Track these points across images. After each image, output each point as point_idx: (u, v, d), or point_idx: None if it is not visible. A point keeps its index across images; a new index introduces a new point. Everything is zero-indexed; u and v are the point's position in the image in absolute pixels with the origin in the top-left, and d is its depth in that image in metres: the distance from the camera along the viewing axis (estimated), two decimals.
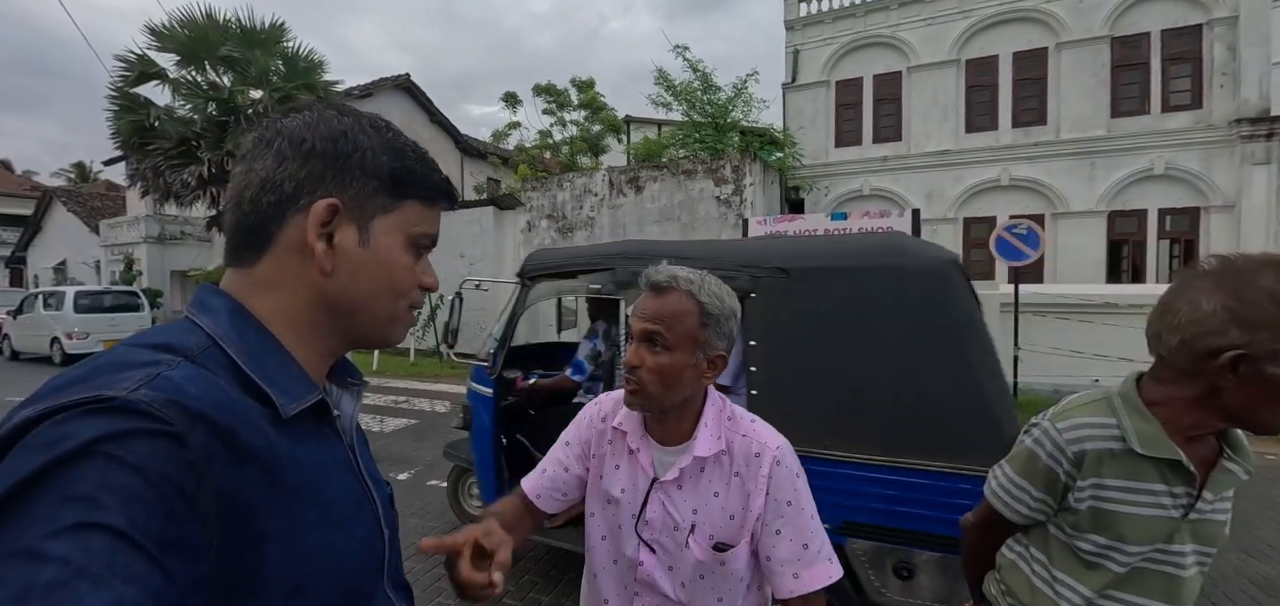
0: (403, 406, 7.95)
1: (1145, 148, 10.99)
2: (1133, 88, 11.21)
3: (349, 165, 0.59)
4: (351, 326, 0.63)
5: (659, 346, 1.02)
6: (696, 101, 13.63)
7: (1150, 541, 1.00)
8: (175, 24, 9.12)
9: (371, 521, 0.63)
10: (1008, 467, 1.15)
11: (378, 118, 0.65)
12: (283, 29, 9.89)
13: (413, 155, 0.64)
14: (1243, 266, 0.91)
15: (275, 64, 9.90)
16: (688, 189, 11.43)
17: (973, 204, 12.41)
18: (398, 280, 0.64)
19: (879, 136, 13.32)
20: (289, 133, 0.59)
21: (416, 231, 0.65)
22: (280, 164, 0.58)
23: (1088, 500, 1.03)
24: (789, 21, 14.05)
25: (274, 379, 0.55)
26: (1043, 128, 11.85)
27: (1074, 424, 1.05)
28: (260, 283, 0.59)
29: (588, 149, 16.53)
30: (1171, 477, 0.99)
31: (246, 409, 0.51)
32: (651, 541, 1.07)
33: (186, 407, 0.45)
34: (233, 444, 0.48)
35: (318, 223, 0.58)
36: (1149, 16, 11.05)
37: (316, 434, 0.59)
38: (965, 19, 12.37)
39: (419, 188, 0.64)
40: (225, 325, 0.56)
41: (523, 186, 13.47)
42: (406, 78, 17.66)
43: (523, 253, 13.19)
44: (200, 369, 0.50)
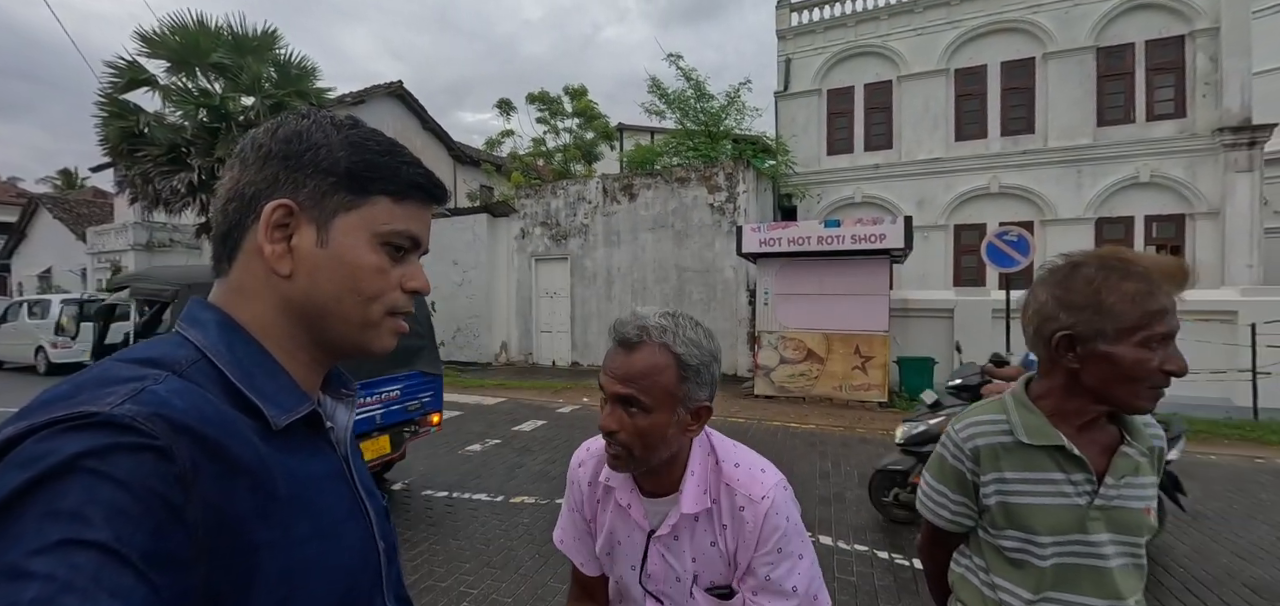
0: None
1: (1131, 156, 11.18)
2: (1118, 97, 11.41)
3: (302, 164, 0.58)
4: (325, 333, 0.61)
5: (636, 409, 0.94)
6: (690, 109, 13.73)
7: (1060, 530, 1.04)
8: (166, 30, 9.06)
9: (365, 534, 0.62)
10: (927, 475, 1.22)
11: (346, 117, 0.63)
12: (275, 36, 9.85)
13: (376, 149, 0.61)
14: (1074, 261, 1.04)
15: (267, 71, 9.85)
16: (681, 196, 11.47)
17: (963, 211, 12.55)
18: (363, 280, 0.60)
19: (870, 144, 13.46)
20: (253, 140, 0.60)
21: (386, 229, 0.61)
22: (243, 171, 0.59)
23: (994, 495, 1.09)
24: (781, 31, 14.20)
25: (264, 391, 0.55)
26: (1031, 136, 12.02)
27: (968, 423, 1.14)
28: (234, 290, 0.59)
29: (581, 156, 16.56)
30: (1066, 465, 1.04)
31: (235, 422, 0.50)
32: (657, 593, 1.05)
33: (172, 421, 0.45)
34: (221, 457, 0.47)
35: (268, 224, 0.57)
36: (1133, 27, 11.26)
37: (309, 445, 0.59)
38: (954, 29, 12.55)
39: (385, 182, 0.61)
40: (214, 338, 0.56)
41: (516, 194, 13.46)
42: (399, 85, 17.65)
43: (517, 260, 13.18)
44: (187, 383, 0.50)
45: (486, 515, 4.29)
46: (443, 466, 5.52)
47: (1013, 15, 12.06)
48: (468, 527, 4.07)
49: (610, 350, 0.98)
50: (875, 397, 8.34)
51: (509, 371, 12.20)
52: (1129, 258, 1.01)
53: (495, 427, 7.06)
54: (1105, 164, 11.36)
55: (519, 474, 5.24)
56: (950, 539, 1.22)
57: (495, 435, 6.70)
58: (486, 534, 3.97)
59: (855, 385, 8.50)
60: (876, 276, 8.45)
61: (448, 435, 6.61)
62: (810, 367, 8.81)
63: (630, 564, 1.06)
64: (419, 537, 3.91)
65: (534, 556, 3.60)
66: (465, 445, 6.24)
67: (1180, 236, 11.02)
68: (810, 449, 6.08)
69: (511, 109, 17.05)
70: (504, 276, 13.40)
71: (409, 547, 3.76)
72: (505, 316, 13.36)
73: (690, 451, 1.03)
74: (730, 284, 10.99)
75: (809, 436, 6.65)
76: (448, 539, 3.89)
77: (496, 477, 5.14)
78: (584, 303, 12.46)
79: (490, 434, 6.77)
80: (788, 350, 8.94)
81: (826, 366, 8.70)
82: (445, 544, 3.80)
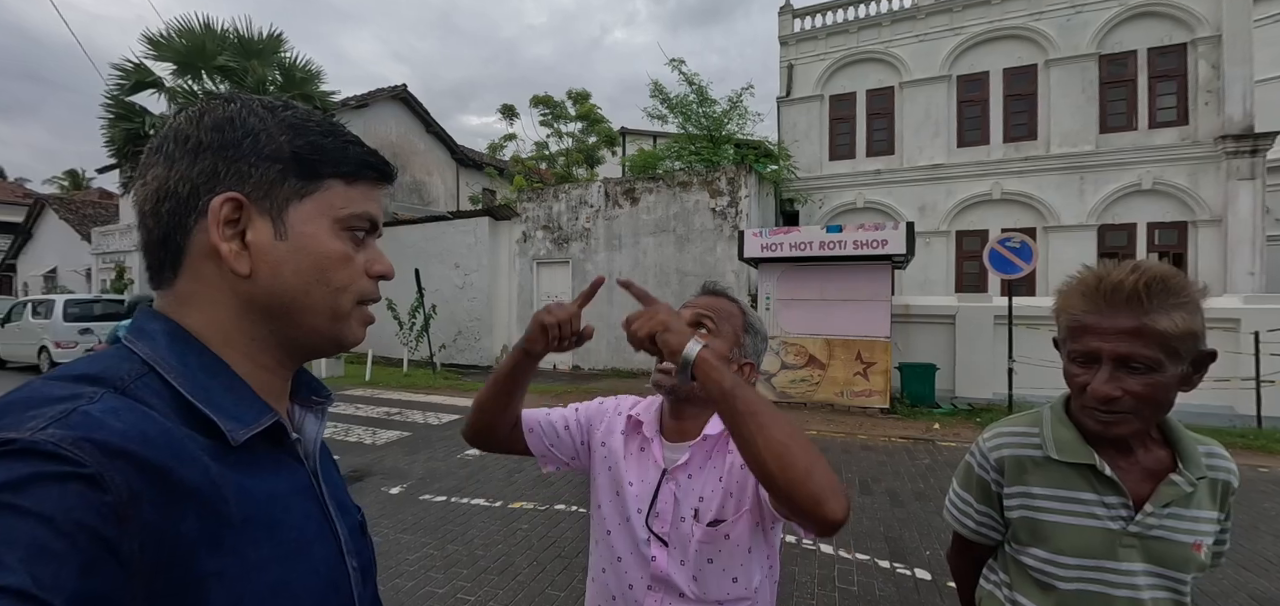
0: (395, 418, 7.86)
1: (1133, 163, 11.19)
2: (1120, 104, 11.42)
3: (242, 153, 0.54)
4: (293, 331, 0.58)
5: (703, 330, 1.09)
6: (692, 114, 13.76)
7: (1086, 554, 0.99)
8: (173, 33, 9.13)
9: (333, 554, 0.58)
10: (955, 483, 1.21)
11: (273, 99, 0.59)
12: (280, 40, 9.92)
13: (319, 130, 0.58)
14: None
15: (272, 74, 9.92)
16: (683, 201, 11.50)
17: (965, 217, 12.56)
18: (331, 270, 0.57)
19: (872, 150, 13.47)
20: (174, 132, 0.54)
21: (344, 213, 0.58)
22: (171, 168, 0.53)
23: (1018, 509, 1.06)
24: (783, 37, 14.24)
25: (220, 404, 0.51)
26: (1033, 142, 12.03)
27: (996, 432, 1.12)
28: (183, 299, 0.55)
29: (583, 160, 16.60)
30: (1099, 486, 0.99)
31: (183, 441, 0.46)
32: (662, 534, 1.08)
33: (105, 445, 0.41)
34: (164, 481, 0.43)
35: (218, 221, 0.52)
36: (1135, 35, 11.28)
37: (271, 460, 0.55)
38: (956, 36, 12.58)
39: (335, 164, 0.58)
40: (163, 349, 0.51)
41: (519, 197, 13.49)
42: (403, 88, 17.71)
43: (519, 263, 13.21)
44: (129, 401, 0.46)
45: (484, 520, 4.26)
46: (441, 470, 5.48)
47: (1015, 22, 12.09)
48: (465, 533, 4.04)
49: (694, 297, 1.20)
50: (877, 404, 8.32)
51: None
52: (1096, 269, 0.99)
53: None
54: (1107, 171, 11.37)
55: (518, 479, 5.20)
56: (976, 550, 1.20)
57: None
58: (485, 539, 3.93)
59: (857, 391, 8.48)
60: (878, 282, 8.45)
61: (447, 439, 6.61)
62: (811, 373, 8.80)
63: (638, 506, 1.10)
64: (417, 542, 3.88)
65: (532, 563, 3.56)
66: (464, 449, 6.18)
67: (1182, 244, 11.02)
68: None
69: (515, 113, 17.11)
70: (505, 279, 13.42)
71: (407, 552, 3.73)
72: (506, 320, 13.38)
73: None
74: (732, 289, 11.00)
75: (811, 443, 6.64)
76: (445, 544, 3.86)
77: (495, 483, 5.11)
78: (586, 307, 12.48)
79: None
80: (789, 355, 8.93)
81: (828, 372, 8.69)
82: (443, 549, 3.78)
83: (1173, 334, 0.89)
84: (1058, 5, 11.74)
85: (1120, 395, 0.92)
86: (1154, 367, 0.91)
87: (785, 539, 3.69)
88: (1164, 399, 0.93)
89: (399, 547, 3.79)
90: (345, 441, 6.59)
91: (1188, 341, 0.91)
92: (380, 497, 4.74)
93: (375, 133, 17.09)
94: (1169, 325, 0.89)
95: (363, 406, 8.62)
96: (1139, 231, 11.26)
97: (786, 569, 3.34)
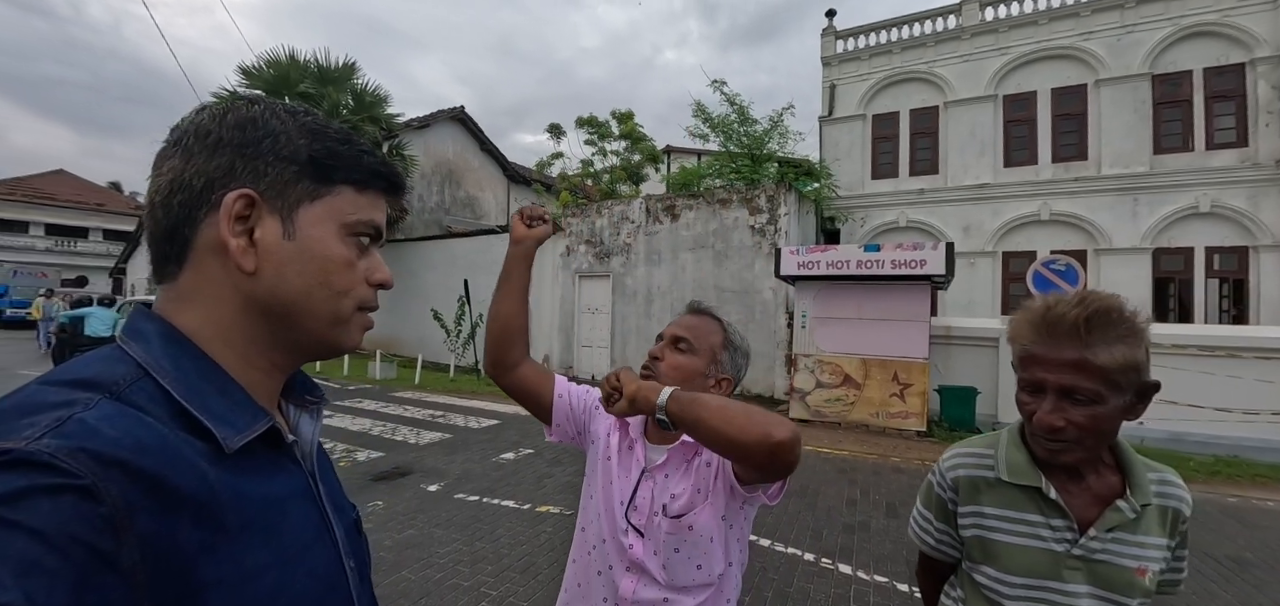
0: (439, 420, 8.20)
1: (1190, 185, 10.84)
2: (1175, 125, 11.11)
3: (261, 152, 0.55)
4: (292, 332, 0.58)
5: (683, 347, 1.22)
6: (733, 133, 14.04)
7: (1030, 574, 1.02)
8: (263, 64, 10.17)
9: (331, 556, 0.58)
10: (918, 501, 1.25)
11: (295, 105, 0.61)
12: (353, 68, 10.84)
13: (336, 137, 0.59)
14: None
15: (345, 99, 10.87)
16: (722, 217, 11.70)
17: (1012, 238, 12.36)
18: (334, 274, 0.58)
19: (916, 169, 13.44)
20: (195, 127, 0.55)
21: (352, 219, 0.60)
22: (188, 161, 0.54)
23: (971, 528, 1.10)
24: (826, 58, 14.40)
25: (214, 409, 0.50)
26: (1083, 163, 11.79)
27: (955, 453, 1.17)
28: (185, 295, 0.55)
29: (626, 177, 17.09)
30: (1047, 509, 1.02)
31: (179, 447, 0.46)
32: (639, 526, 1.17)
33: (100, 455, 0.40)
34: (160, 490, 0.43)
35: (231, 216, 0.53)
36: (1189, 55, 10.98)
37: (268, 464, 0.54)
38: (1002, 56, 12.48)
39: (348, 171, 0.59)
40: (157, 352, 0.51)
41: (563, 213, 14.04)
42: (461, 110, 18.76)
43: (561, 277, 13.73)
44: (123, 406, 0.45)
45: (512, 521, 4.42)
46: (477, 472, 5.72)
47: (1063, 42, 11.92)
48: (493, 532, 4.20)
49: (681, 315, 1.32)
50: (913, 426, 8.23)
51: None
52: (1046, 299, 1.02)
53: (529, 437, 7.16)
54: (1163, 193, 11.04)
55: (547, 484, 5.33)
56: (939, 567, 1.23)
57: (528, 444, 6.83)
58: (511, 539, 4.08)
59: (892, 413, 8.40)
60: (917, 302, 8.39)
61: (484, 442, 6.92)
62: (846, 393, 8.78)
63: (620, 499, 1.20)
64: (448, 537, 4.05)
65: (552, 565, 3.67)
66: (500, 453, 6.45)
67: (1243, 269, 10.58)
68: (840, 475, 6.03)
69: (562, 132, 17.80)
70: (548, 291, 13.95)
71: (438, 546, 3.92)
72: (548, 330, 13.89)
73: None
74: (769, 305, 11.10)
75: (840, 462, 6.62)
76: (474, 541, 4.02)
77: (525, 486, 5.27)
78: (624, 319, 12.84)
79: (524, 443, 6.91)
80: (824, 374, 8.95)
81: (863, 392, 8.65)
82: (471, 546, 3.94)
83: (1112, 367, 0.91)
84: (1108, 25, 11.54)
85: (1064, 425, 0.95)
86: (1095, 400, 0.92)
87: (804, 557, 3.86)
88: (1107, 429, 0.96)
89: (432, 541, 4.00)
90: (392, 440, 6.95)
91: (1129, 373, 0.92)
92: (419, 494, 5.00)
93: (434, 150, 18.15)
94: (1108, 359, 0.91)
95: (410, 407, 9.08)
96: (1196, 256, 10.87)
97: (800, 586, 3.48)
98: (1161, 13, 11.15)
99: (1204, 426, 7.08)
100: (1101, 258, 11.45)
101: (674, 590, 1.14)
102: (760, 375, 11.06)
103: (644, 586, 1.15)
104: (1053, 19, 12.03)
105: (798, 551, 3.96)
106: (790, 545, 4.06)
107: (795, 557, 3.87)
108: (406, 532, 4.13)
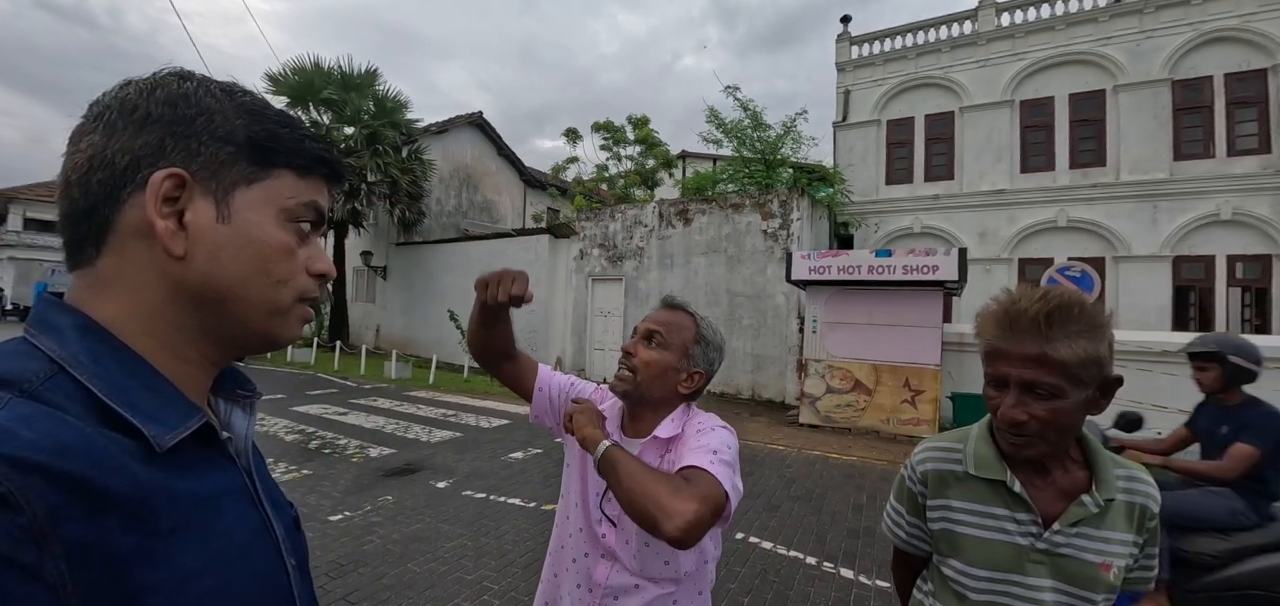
0: (451, 419, 8.31)
1: (1211, 192, 10.63)
2: (1196, 131, 10.90)
3: (194, 130, 0.51)
4: (225, 323, 0.54)
5: (655, 343, 1.24)
6: (746, 138, 14.09)
7: (995, 567, 1.03)
8: (289, 71, 10.49)
9: (271, 554, 0.56)
10: (892, 494, 1.27)
11: (231, 83, 0.57)
12: (375, 74, 11.14)
13: (276, 119, 0.56)
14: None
15: (367, 105, 11.15)
16: (735, 222, 11.75)
17: (1028, 245, 12.23)
18: (272, 261, 0.55)
19: (930, 175, 13.36)
20: (121, 101, 0.51)
21: (292, 203, 0.56)
22: (111, 137, 0.50)
23: (939, 521, 1.11)
24: (840, 64, 14.39)
25: (141, 407, 0.47)
26: (1102, 169, 11.63)
27: (926, 447, 1.18)
28: (105, 281, 0.50)
29: (641, 182, 17.21)
30: (1012, 503, 1.03)
31: (104, 447, 0.43)
32: (613, 516, 1.21)
33: (15, 460, 0.37)
34: (86, 494, 0.40)
35: (158, 196, 0.49)
36: (1210, 61, 10.78)
37: (201, 462, 0.51)
38: (1018, 61, 12.38)
39: (289, 155, 0.56)
40: (73, 345, 0.47)
41: (578, 217, 14.18)
42: (479, 115, 19.09)
43: (575, 280, 13.89)
44: (38, 405, 0.42)
45: (518, 518, 4.49)
46: (485, 470, 5.80)
47: (1081, 48, 11.78)
48: (498, 528, 4.27)
49: (654, 310, 1.33)
50: (924, 433, 8.15)
51: None
52: (1011, 294, 1.03)
53: (538, 438, 7.18)
54: (1183, 200, 10.84)
55: (553, 483, 5.32)
56: (913, 561, 1.25)
57: (537, 445, 6.87)
58: (515, 535, 4.15)
59: (903, 419, 8.36)
60: (929, 308, 8.36)
61: (493, 441, 7.01)
62: (857, 398, 8.76)
63: (596, 490, 1.24)
64: (454, 533, 4.13)
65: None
66: (509, 452, 6.54)
67: (1266, 278, 10.34)
68: (847, 481, 6.04)
69: (578, 137, 18.00)
70: (562, 295, 14.10)
71: (444, 541, 3.99)
72: (562, 333, 14.04)
73: (674, 408, 1.26)
74: (781, 310, 11.12)
75: (848, 468, 6.62)
76: (479, 537, 4.09)
77: (532, 485, 5.33)
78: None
79: (533, 443, 6.96)
80: (835, 379, 8.93)
81: (874, 398, 8.62)
82: (476, 541, 4.01)
83: (1072, 362, 0.92)
84: (1127, 31, 11.38)
85: (1026, 419, 0.96)
86: (1056, 394, 0.94)
87: (806, 561, 3.90)
88: (1069, 423, 0.96)
89: (438, 536, 4.09)
90: (405, 437, 7.07)
91: (1090, 367, 0.93)
92: (428, 490, 5.08)
93: (453, 155, 18.47)
94: (1068, 353, 0.92)
95: (423, 406, 9.26)
96: (1218, 264, 10.66)
97: (801, 589, 3.51)
98: (1181, 18, 10.97)
99: None
100: (1120, 265, 11.28)
101: (644, 578, 1.19)
102: (771, 380, 11.09)
103: (617, 573, 1.20)
104: (1070, 25, 11.91)
105: (800, 554, 4.01)
106: (793, 548, 4.10)
107: (797, 561, 3.92)
108: (414, 526, 4.26)
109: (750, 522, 4.54)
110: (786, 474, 6.17)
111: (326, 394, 10.08)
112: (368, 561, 3.66)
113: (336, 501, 4.69)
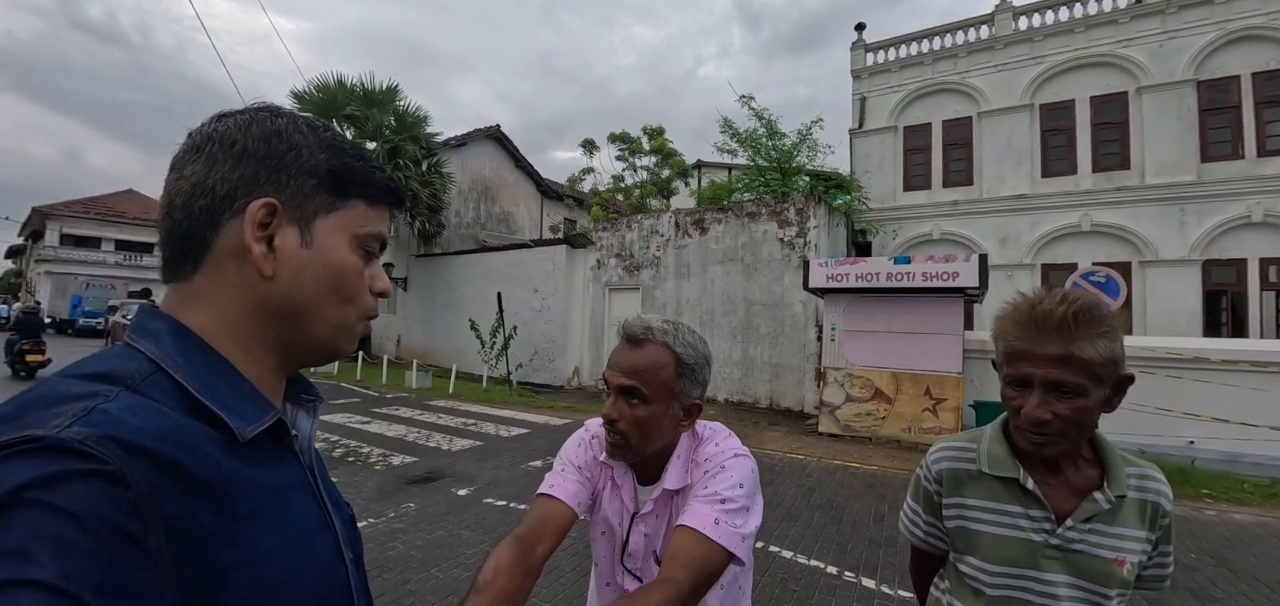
0: (471, 428, 8.39)
1: (1241, 194, 10.37)
2: (1223, 132, 10.65)
3: (284, 164, 0.57)
4: (298, 335, 0.60)
5: (637, 400, 1.05)
6: (761, 147, 14.09)
7: (1011, 563, 1.05)
8: (313, 88, 10.78)
9: (332, 546, 0.61)
10: (908, 495, 1.28)
11: (314, 118, 0.64)
12: (396, 90, 11.39)
13: (352, 153, 0.63)
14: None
15: (388, 120, 11.40)
16: (752, 230, 11.72)
17: (1051, 250, 12.03)
18: (345, 281, 0.61)
19: (949, 180, 13.22)
20: (220, 135, 0.57)
21: (363, 231, 0.63)
22: (212, 168, 0.55)
23: (955, 519, 1.14)
24: (856, 70, 14.35)
25: (226, 402, 0.52)
26: (1126, 172, 11.41)
27: (941, 447, 1.20)
28: (197, 294, 0.56)
29: (657, 192, 17.29)
30: (1026, 500, 1.06)
31: (195, 436, 0.48)
32: (635, 570, 1.15)
33: (126, 442, 0.42)
34: (180, 476, 0.45)
35: (254, 223, 0.55)
36: (1236, 60, 10.55)
37: (274, 456, 0.57)
38: (1037, 65, 12.23)
39: (362, 186, 0.63)
40: (169, 348, 0.53)
41: (594, 227, 14.28)
42: (497, 128, 19.38)
43: (592, 289, 13.96)
44: (141, 398, 0.47)
45: None
46: (505, 478, 5.86)
47: (1102, 50, 11.61)
48: None
49: (617, 347, 1.11)
50: None
51: (579, 395, 12.78)
52: (1030, 297, 1.04)
53: (557, 446, 7.36)
54: (1212, 202, 10.59)
55: None
56: (930, 560, 1.27)
57: (556, 454, 7.09)
58: None
59: (925, 428, 8.24)
60: (949, 315, 8.25)
61: (513, 450, 7.09)
62: (877, 407, 8.65)
63: (617, 541, 1.18)
64: (476, 539, 4.18)
65: (575, 569, 3.74)
66: (528, 460, 6.61)
67: None
68: (868, 490, 5.97)
69: (594, 147, 18.17)
70: (579, 304, 14.17)
71: (466, 547, 4.04)
72: (579, 342, 14.09)
73: (678, 441, 1.14)
74: (799, 318, 11.04)
75: (869, 477, 6.56)
76: (494, 542, 4.30)
77: None
78: None
79: (553, 452, 6.68)
80: (854, 388, 8.83)
81: (895, 407, 8.51)
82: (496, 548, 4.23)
83: (1097, 361, 0.95)
84: (1149, 31, 11.20)
85: (1051, 418, 0.98)
86: (1080, 392, 0.96)
87: (827, 570, 3.88)
88: (1089, 421, 1.00)
89: (460, 542, 4.14)
90: (426, 446, 7.16)
91: (1109, 367, 0.97)
92: (449, 497, 5.14)
93: (471, 168, 18.75)
94: (1093, 353, 0.95)
95: (444, 415, 9.37)
96: (1250, 267, 10.37)
97: (821, 599, 3.50)
98: (1206, 17, 10.77)
99: (1259, 447, 6.75)
100: (1147, 269, 11.04)
101: None
102: (790, 388, 11.01)
103: None
104: (1090, 27, 11.75)
105: (821, 564, 3.98)
106: (814, 558, 4.08)
107: (818, 570, 3.89)
108: (437, 533, 4.32)
109: (770, 532, 4.52)
110: (806, 483, 6.13)
111: (350, 403, 10.25)
112: (392, 567, 3.72)
113: (361, 508, 4.77)
